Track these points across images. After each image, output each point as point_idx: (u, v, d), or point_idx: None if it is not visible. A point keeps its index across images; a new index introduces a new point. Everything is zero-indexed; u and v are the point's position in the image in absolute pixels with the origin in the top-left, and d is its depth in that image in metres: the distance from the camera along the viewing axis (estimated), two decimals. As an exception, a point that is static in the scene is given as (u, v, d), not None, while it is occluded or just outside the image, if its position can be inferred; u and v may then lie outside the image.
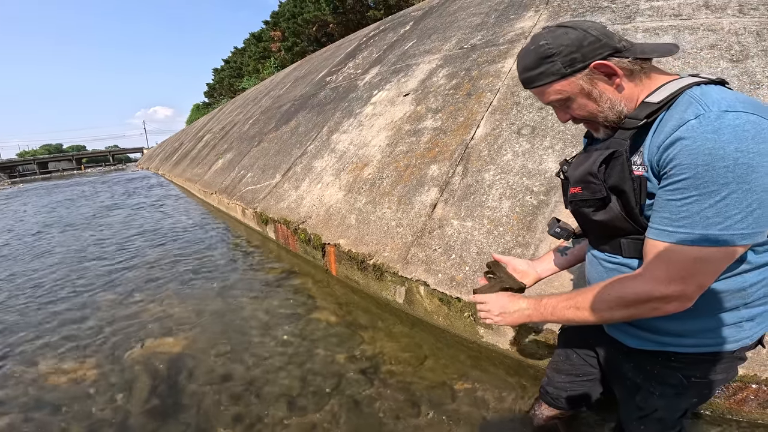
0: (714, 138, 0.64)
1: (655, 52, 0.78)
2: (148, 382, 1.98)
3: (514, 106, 2.71)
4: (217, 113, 17.88)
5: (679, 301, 0.72)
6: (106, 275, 3.73)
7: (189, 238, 4.96)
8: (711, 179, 0.64)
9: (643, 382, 0.93)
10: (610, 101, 0.80)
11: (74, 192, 14.06)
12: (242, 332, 2.38)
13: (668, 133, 0.70)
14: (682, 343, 0.83)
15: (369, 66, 5.92)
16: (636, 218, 0.78)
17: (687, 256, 0.69)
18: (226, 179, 6.63)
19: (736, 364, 0.87)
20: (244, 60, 27.14)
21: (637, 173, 0.76)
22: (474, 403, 1.63)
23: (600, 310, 0.80)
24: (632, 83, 0.79)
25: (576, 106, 0.83)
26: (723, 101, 0.67)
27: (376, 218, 2.78)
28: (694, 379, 0.86)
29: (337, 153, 4.03)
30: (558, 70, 0.80)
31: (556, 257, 1.17)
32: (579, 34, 0.78)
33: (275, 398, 1.77)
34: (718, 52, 2.35)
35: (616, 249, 0.86)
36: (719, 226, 0.65)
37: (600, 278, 0.90)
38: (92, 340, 2.46)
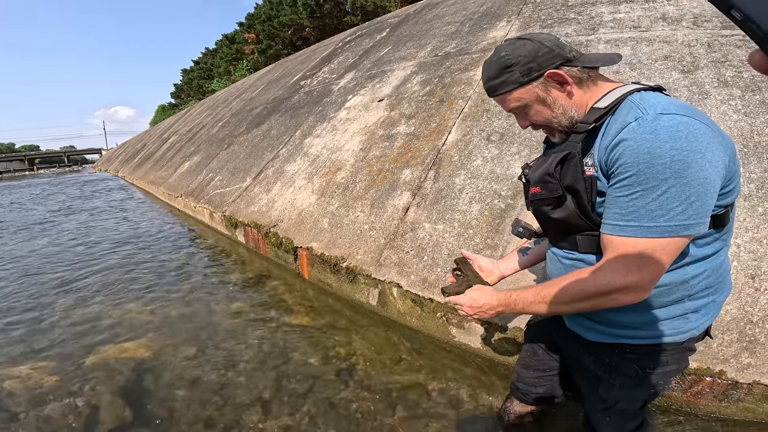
0: (652, 138, 0.72)
1: (600, 61, 0.88)
2: (111, 386, 1.92)
3: (485, 113, 2.84)
4: (184, 115, 17.43)
5: (636, 292, 0.78)
6: (62, 283, 3.56)
7: (152, 242, 4.81)
8: (651, 175, 0.72)
9: (604, 374, 1.00)
10: (563, 107, 0.88)
11: (25, 195, 13.27)
12: (212, 336, 2.34)
13: (613, 135, 0.78)
14: (635, 335, 0.91)
15: (344, 71, 6.00)
16: (589, 215, 0.86)
17: (638, 248, 0.76)
18: (193, 182, 6.49)
19: (687, 354, 0.96)
20: (215, 61, 26.66)
21: (589, 173, 0.84)
22: (449, 401, 1.68)
23: (565, 302, 0.86)
24: (581, 90, 0.88)
25: (533, 112, 0.92)
26: (659, 105, 0.76)
27: (349, 222, 2.83)
28: (648, 370, 0.94)
29: (310, 157, 4.06)
30: (517, 79, 0.88)
31: (519, 256, 1.25)
32: (535, 45, 0.87)
33: (249, 402, 1.76)
34: (671, 63, 2.57)
35: (573, 245, 0.93)
36: (663, 218, 0.73)
37: (559, 273, 0.97)
38: (48, 345, 2.37)
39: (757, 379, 1.37)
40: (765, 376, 1.37)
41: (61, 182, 18.22)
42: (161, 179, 8.71)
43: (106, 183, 14.49)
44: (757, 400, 1.39)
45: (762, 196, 1.74)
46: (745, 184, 1.79)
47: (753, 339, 1.44)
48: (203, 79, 28.01)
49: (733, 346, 1.45)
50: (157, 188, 8.52)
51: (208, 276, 3.43)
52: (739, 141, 1.97)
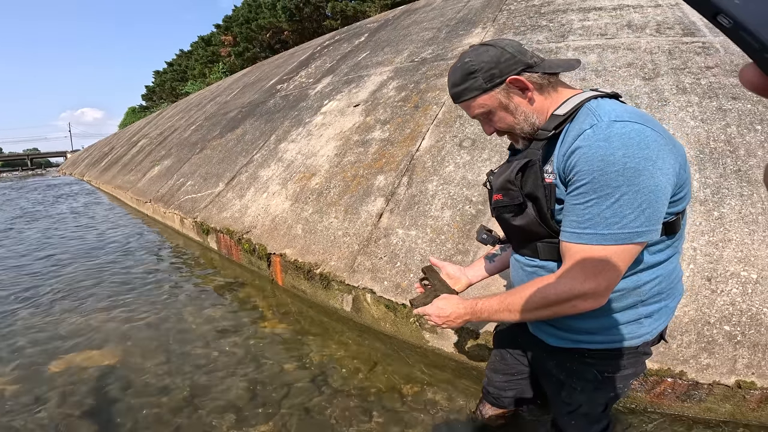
0: (605, 145, 0.74)
1: (560, 67, 0.90)
2: (76, 394, 1.87)
3: (458, 119, 2.90)
4: (155, 117, 17.00)
5: (594, 298, 0.80)
6: (23, 292, 3.39)
7: (119, 249, 4.65)
8: (605, 183, 0.74)
9: (566, 378, 1.03)
10: (524, 113, 0.90)
11: (-21, 200, 12.59)
12: (182, 344, 2.29)
13: (570, 142, 0.80)
14: (593, 340, 0.94)
15: (321, 75, 6.00)
16: (548, 223, 0.87)
17: (595, 255, 0.77)
18: (163, 187, 6.33)
19: (643, 358, 0.99)
20: (189, 63, 26.17)
21: (548, 181, 0.85)
22: (424, 406, 1.69)
23: (528, 310, 0.87)
24: (542, 96, 0.90)
25: (497, 118, 0.93)
26: (613, 112, 0.78)
27: (322, 228, 2.82)
28: (607, 374, 0.97)
29: (285, 162, 4.03)
30: (480, 85, 0.89)
31: (486, 263, 1.27)
32: (497, 52, 0.88)
33: (221, 410, 1.73)
34: (634, 70, 2.70)
35: (534, 252, 0.95)
36: (617, 225, 0.75)
37: (522, 280, 1.00)
38: (8, 354, 2.28)
39: (717, 379, 1.43)
40: (724, 376, 1.43)
41: (23, 186, 17.40)
42: (129, 184, 8.45)
43: (71, 187, 13.93)
44: (718, 400, 1.44)
45: (717, 201, 1.84)
46: (701, 189, 1.89)
47: (711, 340, 1.51)
48: (177, 82, 27.43)
49: (692, 347, 1.51)
50: (124, 193, 8.25)
51: (177, 283, 3.34)
52: (695, 147, 2.08)
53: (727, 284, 1.60)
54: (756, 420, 1.42)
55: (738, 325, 1.51)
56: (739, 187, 1.87)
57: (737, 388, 1.41)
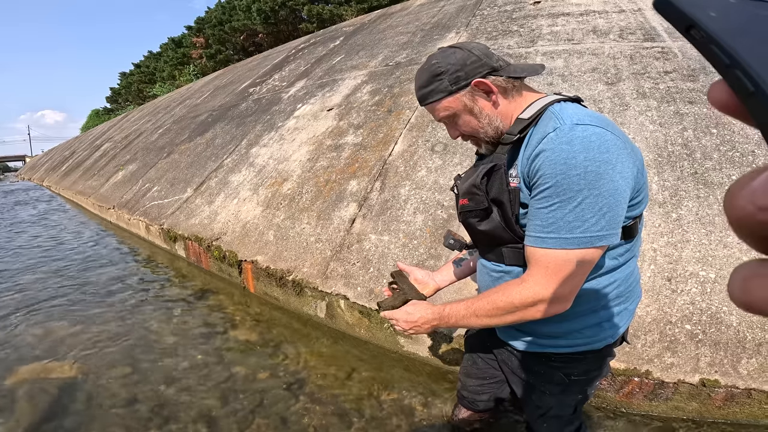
0: (567, 149, 0.75)
1: (524, 71, 0.90)
2: (37, 407, 1.80)
3: (430, 123, 2.94)
4: (120, 120, 16.44)
5: (559, 302, 0.81)
6: None
7: (80, 257, 4.44)
8: (567, 186, 0.75)
9: (535, 381, 1.04)
10: (489, 117, 0.90)
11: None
12: (150, 354, 2.22)
13: (534, 146, 0.80)
14: (557, 344, 0.96)
15: (295, 79, 5.96)
16: (513, 228, 0.88)
17: (558, 260, 0.77)
18: (128, 193, 6.11)
19: (607, 360, 1.02)
20: (158, 65, 25.44)
21: (513, 185, 0.86)
22: (402, 411, 1.70)
23: (494, 315, 0.87)
24: (507, 100, 0.90)
25: (462, 122, 0.92)
26: (575, 116, 0.79)
27: (295, 234, 2.79)
28: (573, 377, 0.99)
29: (256, 167, 3.97)
30: (445, 87, 0.89)
31: (453, 268, 1.27)
32: (464, 54, 0.88)
33: (193, 419, 1.69)
34: (597, 75, 2.81)
35: (499, 257, 0.95)
36: (579, 229, 0.75)
37: (488, 285, 1.01)
38: None
39: (682, 378, 1.48)
40: (689, 374, 1.48)
41: (-28, 194, 16.43)
42: (91, 189, 8.11)
43: (30, 193, 13.26)
44: (684, 398, 1.49)
45: (675, 203, 1.93)
46: (660, 192, 1.98)
47: (673, 339, 1.57)
48: (144, 84, 26.61)
49: (655, 347, 1.57)
50: (86, 199, 7.92)
51: (143, 292, 3.23)
52: (654, 150, 2.18)
53: (687, 284, 1.68)
54: (722, 418, 1.47)
55: (699, 324, 1.58)
56: (695, 189, 1.97)
57: (702, 387, 1.46)
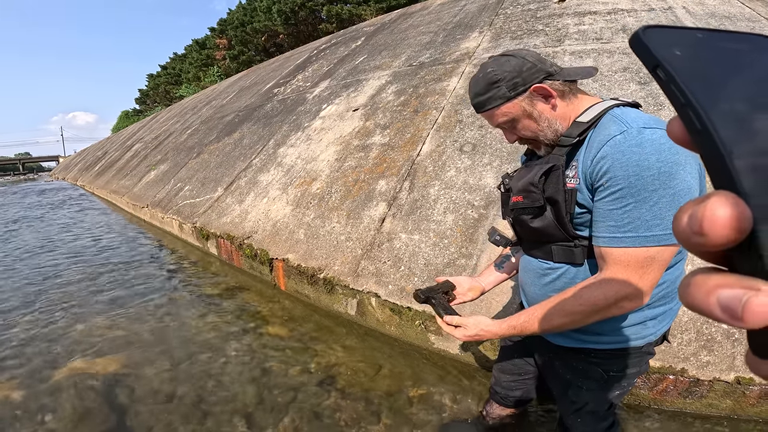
0: (638, 151, 0.77)
1: (578, 74, 0.94)
2: (83, 402, 1.88)
3: (458, 123, 2.95)
4: (149, 121, 16.96)
5: (639, 298, 0.83)
6: (23, 300, 3.38)
7: (117, 255, 4.64)
8: (642, 187, 0.77)
9: (572, 377, 1.07)
10: (548, 120, 0.93)
11: (-30, 206, 12.50)
12: (186, 350, 2.30)
13: (597, 148, 0.83)
14: (599, 341, 0.98)
15: (319, 79, 6.04)
16: (566, 226, 0.91)
17: (639, 257, 0.79)
18: (160, 192, 6.33)
19: (647, 358, 1.03)
20: (184, 67, 26.11)
21: (570, 186, 0.89)
22: (431, 407, 1.73)
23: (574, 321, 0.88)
24: (564, 103, 0.93)
25: (521, 126, 0.96)
26: (640, 119, 0.82)
27: (325, 233, 2.85)
28: (612, 373, 1.01)
29: (285, 167, 4.06)
30: (504, 94, 0.92)
31: (495, 270, 1.29)
32: (519, 61, 0.92)
33: (230, 415, 1.75)
34: (629, 74, 2.76)
35: (547, 254, 0.98)
36: (659, 227, 0.78)
37: (533, 282, 1.03)
38: (13, 361, 2.28)
39: (717, 376, 1.48)
40: (724, 373, 1.48)
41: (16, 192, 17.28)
42: (125, 189, 8.43)
43: (65, 192, 13.85)
44: (718, 396, 1.49)
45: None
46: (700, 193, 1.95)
47: (710, 338, 1.56)
48: (171, 85, 27.35)
49: (692, 345, 1.56)
50: (120, 198, 8.23)
51: (179, 289, 3.36)
52: (692, 153, 2.13)
53: (725, 285, 1.65)
54: (756, 415, 1.47)
55: (735, 324, 1.55)
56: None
57: (737, 384, 1.46)
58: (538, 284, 1.04)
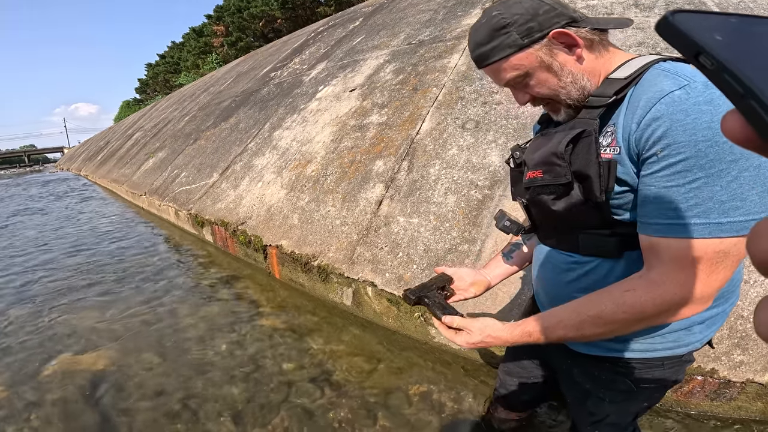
0: (710, 110, 0.56)
1: (610, 23, 0.72)
2: (68, 400, 1.78)
3: (459, 100, 2.72)
4: (149, 110, 16.66)
5: (701, 304, 0.63)
6: (14, 289, 3.28)
7: (114, 244, 4.49)
8: (717, 157, 0.56)
9: (593, 387, 0.88)
10: (572, 75, 0.72)
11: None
12: (177, 344, 2.18)
13: (646, 107, 0.62)
14: (630, 348, 0.79)
15: (316, 61, 5.77)
16: (600, 209, 0.70)
17: (709, 252, 0.59)
18: (158, 179, 6.13)
19: (685, 366, 0.84)
20: (182, 55, 25.60)
21: (606, 156, 0.67)
22: (431, 406, 1.58)
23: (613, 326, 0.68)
24: (593, 55, 0.72)
25: (535, 82, 0.74)
26: (700, 75, 0.59)
27: (319, 217, 2.66)
28: (642, 384, 0.83)
29: (280, 150, 3.85)
30: (514, 41, 0.70)
31: (504, 260, 1.07)
32: (533, 3, 0.70)
33: (218, 413, 1.63)
34: (645, 49, 2.51)
35: (572, 245, 0.77)
36: (738, 210, 0.56)
37: (553, 279, 0.83)
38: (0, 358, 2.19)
39: (751, 377, 1.30)
40: (758, 374, 1.30)
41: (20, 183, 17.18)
42: (124, 177, 8.23)
43: (68, 183, 13.70)
44: (750, 398, 1.32)
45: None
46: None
47: (745, 335, 1.36)
48: (170, 74, 26.88)
49: (723, 343, 1.37)
50: (120, 187, 8.05)
51: (173, 279, 3.20)
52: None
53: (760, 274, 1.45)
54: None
55: (773, 317, 1.36)
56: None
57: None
58: (559, 282, 0.83)
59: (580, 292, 0.77)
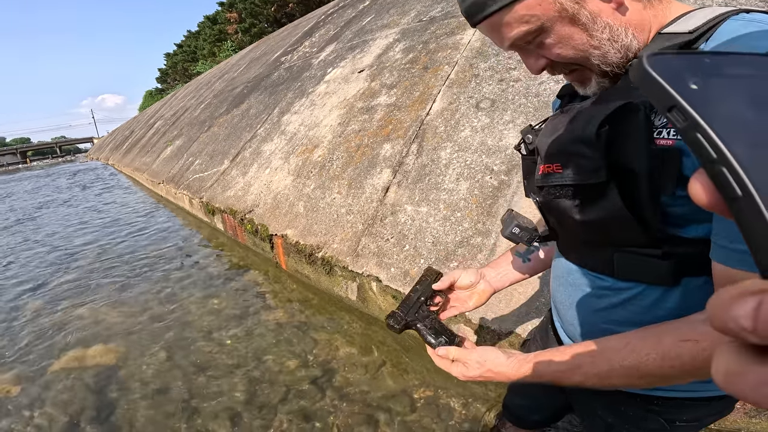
0: None
1: None
2: (74, 397, 1.74)
3: (473, 78, 2.45)
4: (169, 99, 16.69)
5: None
6: (32, 279, 3.30)
7: (131, 233, 4.47)
8: None
9: (617, 422, 0.69)
10: (610, 29, 0.48)
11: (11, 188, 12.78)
12: (183, 338, 2.10)
13: None
14: (674, 388, 0.59)
15: (325, 44, 5.49)
16: (649, 219, 0.47)
17: None
18: (174, 167, 6.07)
19: (733, 402, 0.64)
20: (198, 44, 25.43)
21: (663, 142, 0.45)
22: (436, 413, 1.43)
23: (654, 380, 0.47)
24: (639, 4, 0.48)
25: (554, 40, 0.50)
26: None
27: (325, 205, 2.48)
28: (679, 422, 0.63)
29: (287, 135, 3.66)
30: None
31: (516, 262, 0.83)
32: None
33: (217, 413, 1.55)
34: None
35: (604, 266, 0.55)
36: None
37: (578, 304, 0.62)
38: (12, 352, 2.17)
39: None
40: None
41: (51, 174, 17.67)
42: (145, 165, 8.24)
43: (96, 172, 13.98)
44: None
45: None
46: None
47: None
48: (188, 62, 26.83)
49: None
50: (141, 175, 8.07)
51: (184, 269, 3.12)
52: None
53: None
54: None
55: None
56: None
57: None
58: (585, 308, 0.61)
59: (614, 325, 0.56)
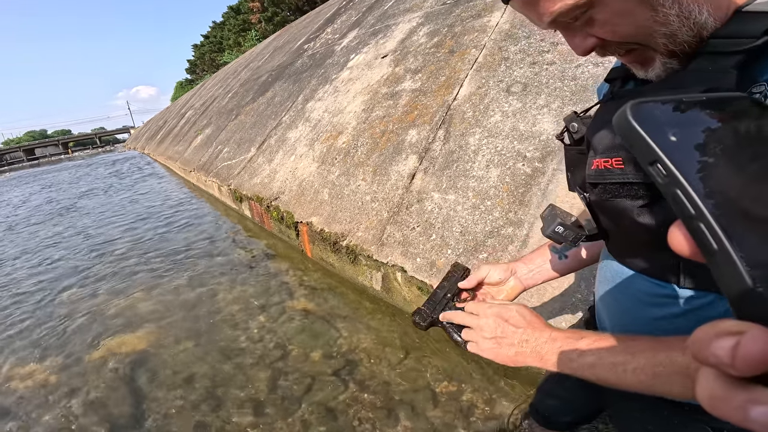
0: None
1: None
2: (107, 386, 1.79)
3: (503, 62, 2.29)
4: (198, 89, 16.91)
5: None
6: (72, 268, 3.42)
7: (164, 220, 4.57)
8: None
9: (657, 428, 0.60)
10: (679, 4, 0.39)
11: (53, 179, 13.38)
12: (211, 327, 2.12)
13: None
14: None
15: (347, 30, 5.34)
16: None
17: None
18: (204, 156, 6.14)
19: None
20: (224, 34, 25.57)
21: None
22: (459, 408, 1.37)
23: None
24: None
25: (608, 16, 0.40)
26: None
27: (349, 192, 2.41)
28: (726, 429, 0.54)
29: (312, 122, 3.59)
30: None
31: (553, 258, 0.74)
32: None
33: (241, 403, 1.54)
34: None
35: (666, 271, 0.47)
36: None
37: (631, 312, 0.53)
38: (52, 341, 2.24)
39: None
40: None
41: (91, 163, 18.40)
42: (178, 154, 8.41)
43: (133, 161, 14.43)
44: None
45: None
46: None
47: None
48: (215, 53, 27.07)
49: None
50: (174, 163, 8.25)
51: (214, 256, 3.15)
52: None
53: None
54: None
55: None
56: None
57: None
58: (639, 317, 0.52)
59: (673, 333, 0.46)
